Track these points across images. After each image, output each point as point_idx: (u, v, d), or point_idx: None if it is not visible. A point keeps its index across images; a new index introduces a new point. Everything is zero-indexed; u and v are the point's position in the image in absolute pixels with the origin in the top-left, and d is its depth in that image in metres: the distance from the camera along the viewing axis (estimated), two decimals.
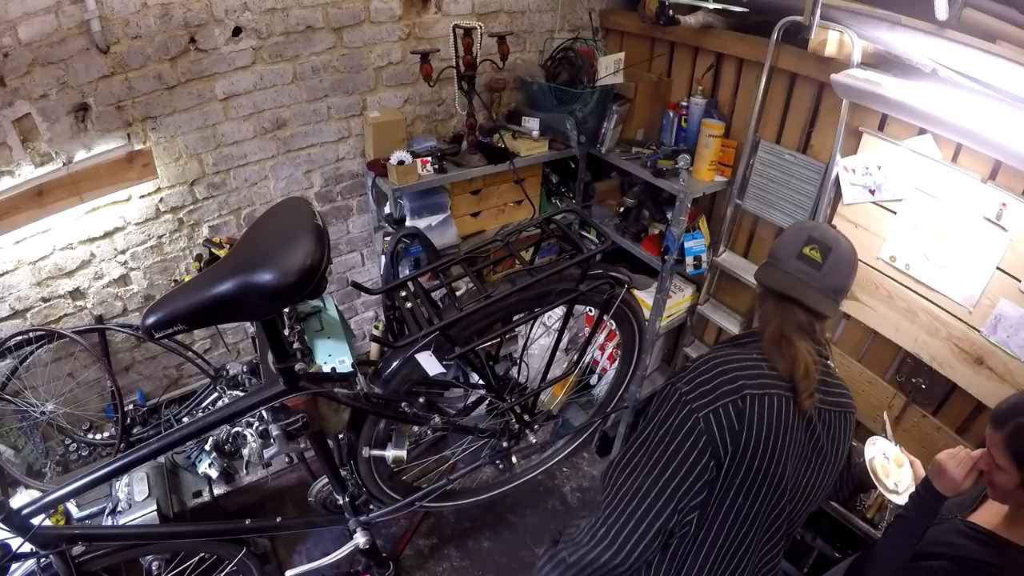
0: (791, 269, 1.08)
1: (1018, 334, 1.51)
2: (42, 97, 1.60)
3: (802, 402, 1.01)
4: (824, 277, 1.06)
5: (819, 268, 1.06)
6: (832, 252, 1.07)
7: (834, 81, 1.64)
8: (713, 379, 1.01)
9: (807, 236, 1.09)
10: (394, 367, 1.50)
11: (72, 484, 1.19)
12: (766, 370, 1.04)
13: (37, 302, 1.83)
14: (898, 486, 1.33)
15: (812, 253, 1.07)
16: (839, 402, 1.11)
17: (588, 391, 2.66)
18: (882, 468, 1.36)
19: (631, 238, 2.36)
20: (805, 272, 1.07)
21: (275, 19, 1.86)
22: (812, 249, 1.07)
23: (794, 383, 1.02)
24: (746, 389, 0.99)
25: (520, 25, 2.38)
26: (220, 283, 1.04)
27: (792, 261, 1.09)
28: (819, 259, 1.07)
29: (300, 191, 2.20)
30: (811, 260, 1.07)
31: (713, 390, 0.99)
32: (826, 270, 1.06)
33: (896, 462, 1.38)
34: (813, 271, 1.07)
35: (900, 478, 1.35)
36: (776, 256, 1.13)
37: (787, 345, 1.05)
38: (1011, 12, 1.44)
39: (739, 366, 1.03)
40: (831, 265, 1.06)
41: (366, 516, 1.75)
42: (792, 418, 1.01)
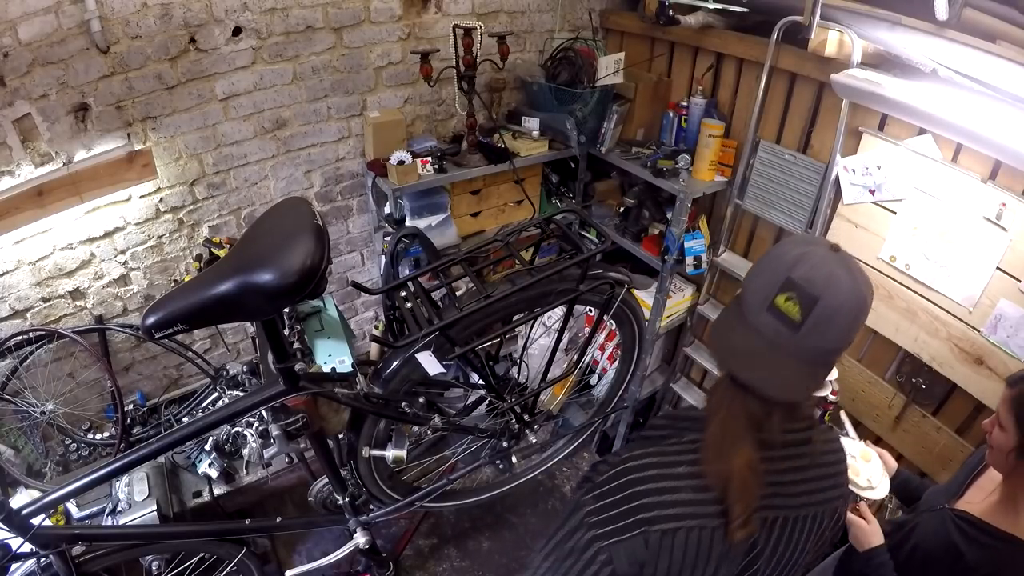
0: (758, 326, 0.76)
1: (1018, 334, 1.51)
2: (42, 97, 1.60)
3: (732, 533, 0.77)
4: (803, 339, 0.73)
5: (796, 328, 0.73)
6: (820, 303, 0.71)
7: (834, 81, 1.64)
8: (623, 501, 0.79)
9: (784, 278, 0.74)
10: (394, 367, 1.50)
11: (72, 484, 1.19)
12: (689, 490, 0.79)
13: (37, 302, 1.83)
14: (871, 481, 1.33)
15: (788, 305, 0.73)
16: (809, 501, 0.85)
17: (588, 391, 2.66)
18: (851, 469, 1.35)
19: (631, 238, 2.36)
20: (774, 333, 0.74)
21: (275, 19, 1.86)
22: (788, 299, 0.73)
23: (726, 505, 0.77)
24: (658, 522, 0.76)
25: (520, 25, 2.38)
26: (220, 283, 1.04)
27: (760, 314, 0.75)
28: (796, 315, 0.72)
29: (300, 191, 2.20)
30: (784, 316, 0.73)
31: (620, 517, 0.78)
32: (807, 330, 0.72)
33: (863, 458, 1.38)
34: (786, 332, 0.73)
35: (871, 473, 1.35)
36: (743, 301, 0.80)
37: (728, 451, 0.78)
38: (1011, 12, 1.44)
39: (656, 486, 0.79)
40: (817, 322, 0.72)
41: (366, 516, 1.75)
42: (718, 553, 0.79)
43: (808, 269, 0.74)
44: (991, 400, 1.60)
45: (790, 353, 0.75)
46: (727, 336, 0.82)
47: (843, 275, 0.73)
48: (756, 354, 0.76)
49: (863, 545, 1.22)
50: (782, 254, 0.77)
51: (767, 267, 0.78)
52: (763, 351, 0.76)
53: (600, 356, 2.58)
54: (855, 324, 0.75)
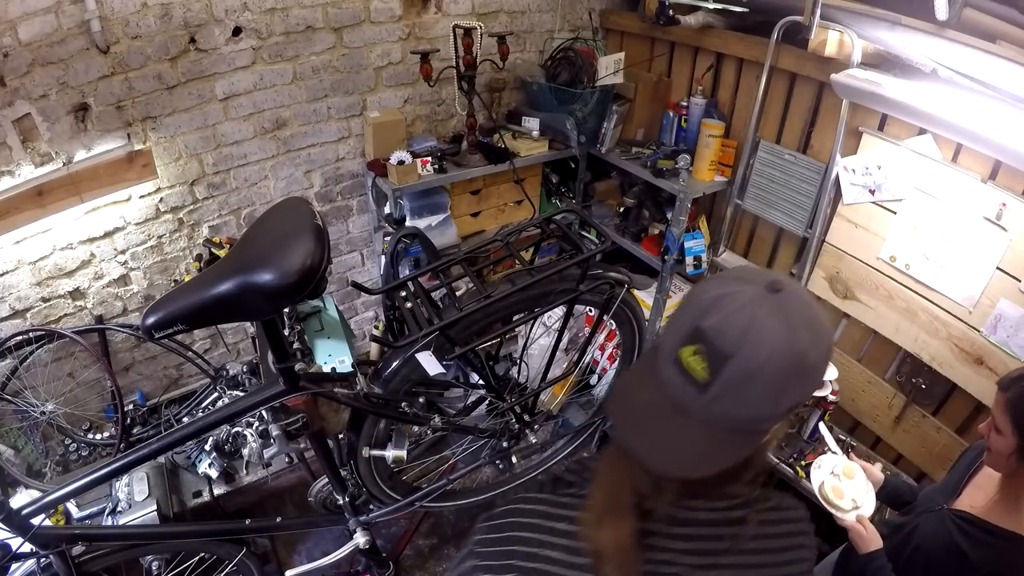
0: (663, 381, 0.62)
1: (1018, 334, 1.51)
2: (42, 97, 1.60)
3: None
4: (712, 404, 0.59)
5: (702, 389, 0.59)
6: (732, 362, 0.57)
7: (834, 81, 1.64)
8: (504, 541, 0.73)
9: (692, 326, 0.60)
10: (394, 367, 1.49)
11: (72, 484, 1.18)
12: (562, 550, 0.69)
13: (37, 302, 1.83)
14: (856, 500, 1.26)
15: (692, 361, 0.59)
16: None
17: (588, 391, 2.65)
18: (834, 491, 1.28)
19: (631, 238, 2.36)
20: (679, 393, 0.61)
21: (275, 19, 1.86)
22: (695, 353, 0.59)
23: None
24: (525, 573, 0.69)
25: (520, 25, 2.38)
26: (220, 283, 1.04)
27: (667, 367, 0.62)
28: (703, 373, 0.58)
29: (300, 191, 2.20)
30: (689, 373, 0.60)
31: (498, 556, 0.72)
32: (717, 393, 0.58)
33: (846, 474, 1.31)
34: (692, 392, 0.60)
35: (855, 491, 1.28)
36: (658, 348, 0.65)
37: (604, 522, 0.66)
38: (1011, 12, 1.44)
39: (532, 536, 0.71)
40: (729, 385, 0.58)
41: (366, 516, 1.75)
42: None
43: (723, 317, 0.58)
44: (991, 400, 1.60)
45: (695, 419, 0.60)
46: (630, 389, 0.69)
47: (772, 326, 0.57)
48: (653, 415, 0.63)
49: (862, 550, 1.21)
50: (700, 293, 0.62)
51: (683, 308, 0.64)
52: (663, 413, 0.62)
53: (600, 356, 2.58)
54: (789, 389, 0.59)
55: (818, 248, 1.95)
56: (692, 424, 0.61)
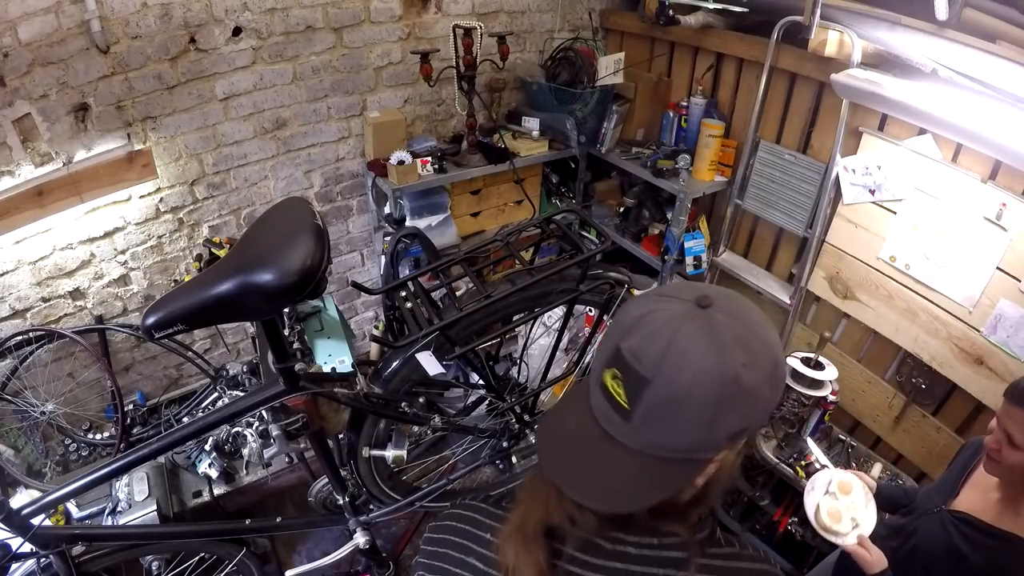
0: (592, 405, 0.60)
1: (1018, 334, 1.51)
2: (42, 97, 1.60)
3: None
4: (637, 432, 0.55)
5: (628, 416, 0.55)
6: (650, 388, 0.53)
7: (834, 81, 1.64)
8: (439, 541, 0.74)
9: (613, 347, 0.56)
10: (394, 367, 1.49)
11: (72, 484, 1.18)
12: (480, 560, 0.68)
13: (37, 302, 1.83)
14: (856, 517, 1.19)
15: (613, 385, 0.56)
16: None
17: None
18: (831, 515, 1.19)
19: (631, 238, 2.36)
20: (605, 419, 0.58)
21: (275, 19, 1.86)
22: (614, 378, 0.56)
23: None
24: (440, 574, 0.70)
25: (520, 25, 2.38)
26: (220, 283, 1.04)
27: (595, 390, 0.59)
28: (623, 400, 0.55)
29: (300, 191, 2.20)
30: (611, 397, 0.56)
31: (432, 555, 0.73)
32: (639, 421, 0.55)
33: (842, 490, 1.23)
34: (618, 419, 0.56)
35: (854, 506, 1.20)
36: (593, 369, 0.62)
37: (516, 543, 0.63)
38: (1011, 12, 1.44)
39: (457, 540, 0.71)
40: (650, 412, 0.54)
41: (366, 516, 1.75)
42: None
43: (642, 337, 0.54)
44: (991, 400, 1.60)
45: (621, 448, 0.56)
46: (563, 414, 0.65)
47: (697, 347, 0.52)
48: (580, 442, 0.59)
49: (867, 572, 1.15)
50: (625, 312, 0.58)
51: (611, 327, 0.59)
52: (590, 440, 0.58)
53: None
54: (725, 415, 0.53)
55: (818, 248, 1.95)
56: (618, 453, 0.56)
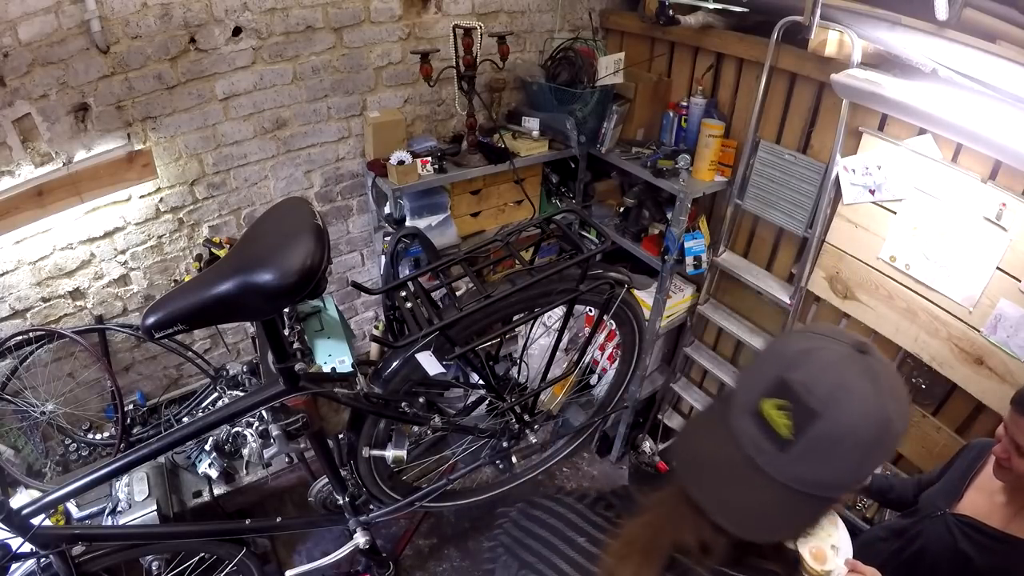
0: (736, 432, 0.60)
1: (1018, 334, 1.51)
2: (42, 97, 1.60)
3: None
4: (792, 465, 0.56)
5: (782, 447, 0.56)
6: (819, 422, 0.55)
7: (834, 81, 1.64)
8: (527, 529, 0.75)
9: (776, 377, 0.57)
10: (394, 367, 1.50)
11: (72, 484, 1.18)
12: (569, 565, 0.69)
13: (37, 302, 1.83)
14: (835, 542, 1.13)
15: (776, 415, 0.56)
16: None
17: (588, 391, 2.65)
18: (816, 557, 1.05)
19: (631, 238, 2.36)
20: (754, 447, 0.58)
21: (275, 19, 1.86)
22: (778, 407, 0.56)
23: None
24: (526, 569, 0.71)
25: (520, 25, 2.38)
26: (220, 283, 1.04)
27: (742, 417, 0.59)
28: (786, 430, 0.56)
29: (300, 191, 2.20)
30: (770, 428, 0.57)
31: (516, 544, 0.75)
32: (799, 454, 0.56)
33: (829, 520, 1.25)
34: (770, 449, 0.57)
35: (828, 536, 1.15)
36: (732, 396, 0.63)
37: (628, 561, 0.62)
38: (1011, 12, 1.44)
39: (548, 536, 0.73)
40: (813, 446, 0.55)
41: (366, 516, 1.75)
42: None
43: (812, 372, 0.56)
44: (991, 400, 1.60)
45: (770, 478, 0.57)
46: (698, 436, 0.66)
47: (862, 388, 0.55)
48: (722, 467, 0.59)
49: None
50: (785, 345, 0.60)
51: (765, 358, 0.62)
52: (733, 466, 0.58)
53: (600, 356, 2.58)
54: (872, 455, 0.57)
55: (818, 248, 1.95)
56: (763, 482, 0.57)
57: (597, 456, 2.82)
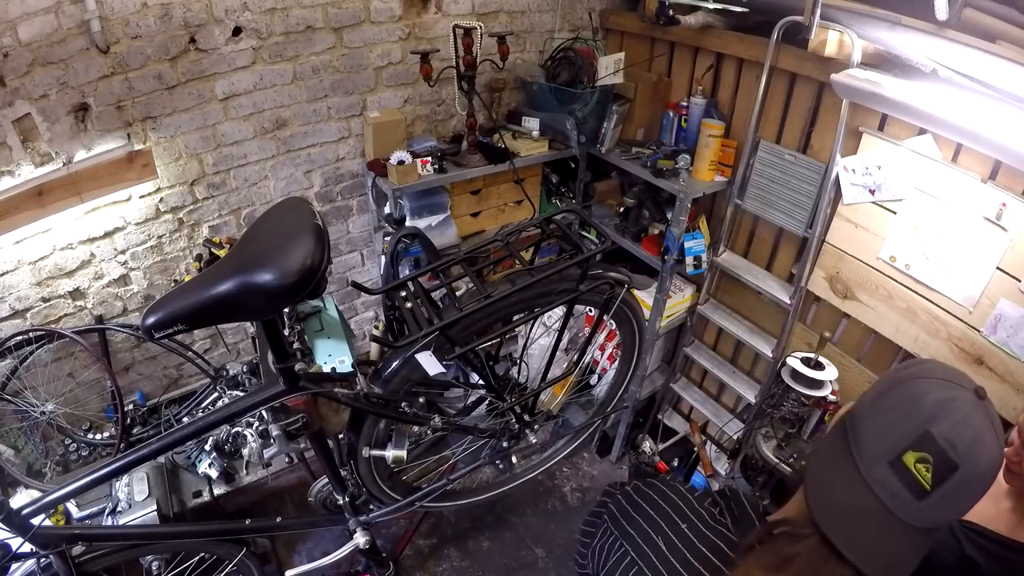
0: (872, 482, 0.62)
1: (1018, 334, 1.51)
2: (42, 97, 1.60)
3: None
4: (925, 510, 0.60)
5: (920, 496, 0.59)
6: (959, 472, 0.58)
7: (834, 81, 1.64)
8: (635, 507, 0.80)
9: (921, 431, 0.60)
10: (394, 367, 1.50)
11: (72, 484, 1.19)
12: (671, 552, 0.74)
13: (37, 302, 1.83)
14: None
15: (919, 468, 0.59)
16: None
17: (588, 391, 2.66)
18: None
19: (631, 238, 2.36)
20: (890, 497, 0.60)
21: (275, 19, 1.86)
22: (921, 461, 0.59)
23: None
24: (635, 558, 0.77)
25: (520, 25, 2.38)
26: (220, 283, 1.04)
27: (878, 466, 0.61)
28: (927, 483, 0.59)
29: (300, 191, 2.20)
30: (912, 479, 0.60)
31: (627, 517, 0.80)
32: (935, 501, 0.59)
33: None
34: (907, 498, 0.60)
35: None
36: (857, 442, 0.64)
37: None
38: (1011, 12, 1.44)
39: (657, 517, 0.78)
40: (948, 493, 0.59)
41: (366, 516, 1.75)
42: None
43: (953, 426, 0.59)
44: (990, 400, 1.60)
45: (904, 523, 0.60)
46: (830, 485, 0.66)
47: (989, 435, 0.60)
48: (864, 517, 0.62)
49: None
50: (920, 396, 0.62)
51: (898, 406, 0.63)
52: (873, 514, 0.61)
53: (600, 356, 2.58)
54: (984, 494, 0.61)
55: (818, 248, 1.95)
56: (897, 527, 0.61)
57: (597, 456, 2.82)
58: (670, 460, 2.66)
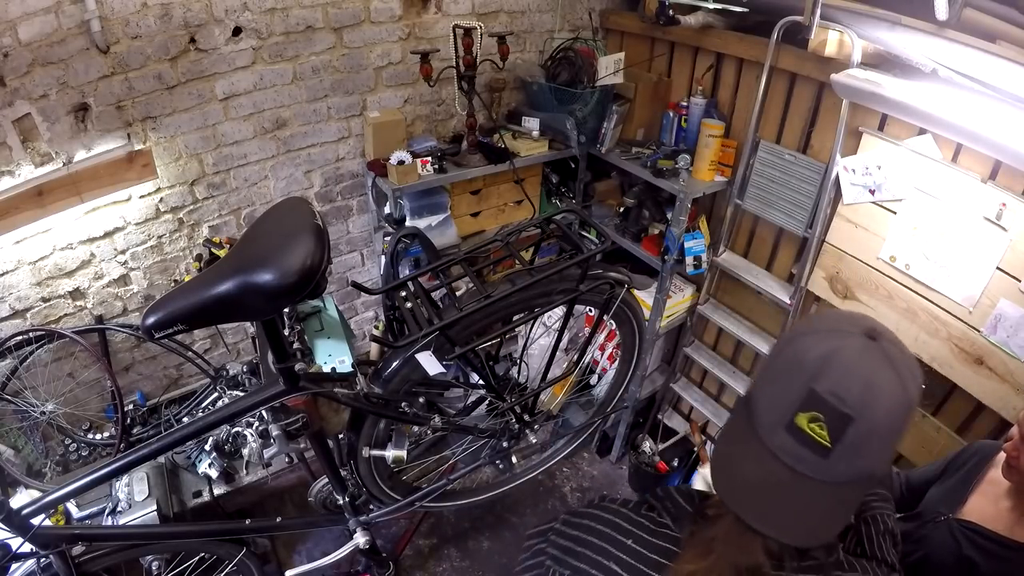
0: (774, 449, 0.61)
1: (1018, 334, 1.51)
2: (42, 97, 1.60)
3: None
4: (832, 467, 0.59)
5: (826, 454, 0.59)
6: (855, 425, 0.57)
7: (834, 81, 1.64)
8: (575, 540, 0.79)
9: (805, 390, 0.59)
10: (394, 367, 1.50)
11: (72, 484, 1.19)
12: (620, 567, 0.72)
13: (37, 302, 1.83)
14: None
15: (812, 428, 0.59)
16: None
17: (588, 391, 2.66)
18: None
19: (631, 238, 2.36)
20: (794, 460, 0.60)
21: (275, 19, 1.86)
22: (813, 420, 0.58)
23: None
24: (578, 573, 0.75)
25: (520, 25, 2.38)
26: (220, 283, 1.04)
27: (776, 434, 0.61)
28: (825, 440, 0.58)
29: (300, 191, 2.20)
30: (810, 440, 0.59)
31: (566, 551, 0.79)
32: (838, 456, 0.58)
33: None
34: (811, 458, 0.60)
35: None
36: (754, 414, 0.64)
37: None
38: (1011, 12, 1.44)
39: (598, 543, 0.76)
40: (851, 445, 0.58)
41: (366, 516, 1.75)
42: None
43: (838, 379, 0.57)
44: (991, 400, 1.60)
45: (816, 484, 0.60)
46: (736, 461, 0.65)
47: (886, 379, 0.57)
48: (773, 488, 0.61)
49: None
50: (801, 353, 0.61)
51: (783, 370, 0.63)
52: (783, 482, 0.60)
53: (600, 356, 2.58)
54: (902, 432, 0.59)
55: (818, 248, 1.95)
56: (813, 488, 0.60)
57: (597, 456, 2.82)
58: (670, 460, 2.66)
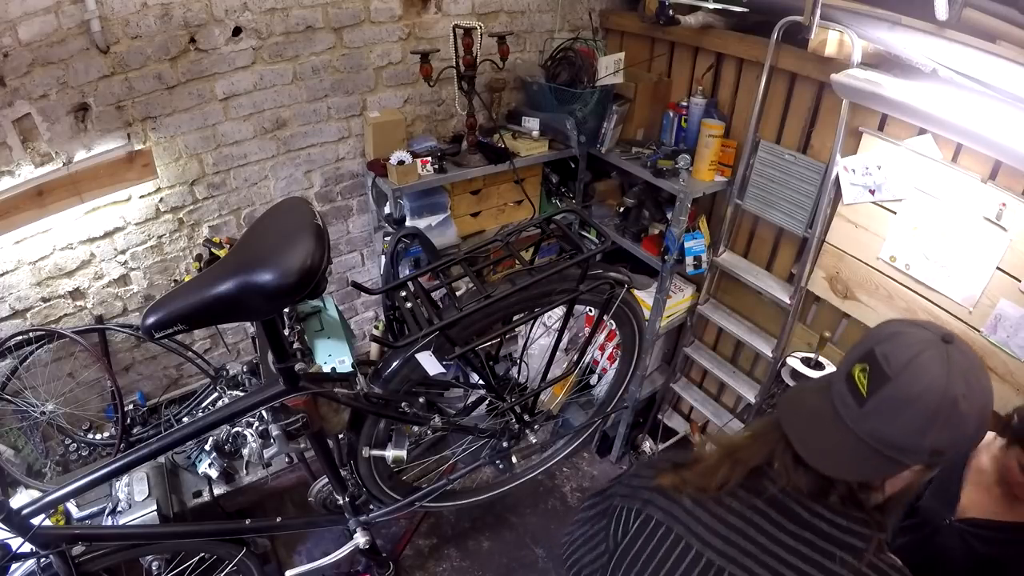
0: (832, 393, 0.75)
1: (1018, 334, 1.51)
2: (42, 97, 1.60)
3: None
4: (864, 418, 0.70)
5: (860, 403, 0.70)
6: (890, 385, 0.67)
7: (834, 81, 1.64)
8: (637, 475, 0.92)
9: (867, 348, 0.71)
10: (394, 367, 1.50)
11: (72, 484, 1.19)
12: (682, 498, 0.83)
13: (37, 302, 1.83)
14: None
15: (859, 376, 0.71)
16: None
17: (588, 391, 2.66)
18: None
19: (631, 238, 2.36)
20: (840, 402, 0.73)
21: (275, 19, 1.86)
22: (862, 370, 0.71)
23: None
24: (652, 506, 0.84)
25: (520, 25, 2.38)
26: (220, 283, 1.04)
27: (839, 381, 0.74)
28: (864, 388, 0.70)
29: (300, 191, 2.20)
30: (855, 387, 0.71)
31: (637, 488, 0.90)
32: (869, 409, 0.69)
33: None
34: (851, 403, 0.71)
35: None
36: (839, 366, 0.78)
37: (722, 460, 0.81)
38: (1011, 12, 1.44)
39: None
40: (881, 405, 0.68)
41: (366, 516, 1.75)
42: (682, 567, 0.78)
43: (893, 348, 0.69)
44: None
45: (848, 427, 0.71)
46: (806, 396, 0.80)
47: (934, 366, 0.66)
48: (816, 416, 0.75)
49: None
50: (883, 328, 0.74)
51: (867, 336, 0.75)
52: (825, 416, 0.73)
53: (600, 356, 2.58)
54: (935, 428, 0.66)
55: (818, 248, 1.95)
56: (845, 432, 0.71)
57: (597, 456, 2.82)
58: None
